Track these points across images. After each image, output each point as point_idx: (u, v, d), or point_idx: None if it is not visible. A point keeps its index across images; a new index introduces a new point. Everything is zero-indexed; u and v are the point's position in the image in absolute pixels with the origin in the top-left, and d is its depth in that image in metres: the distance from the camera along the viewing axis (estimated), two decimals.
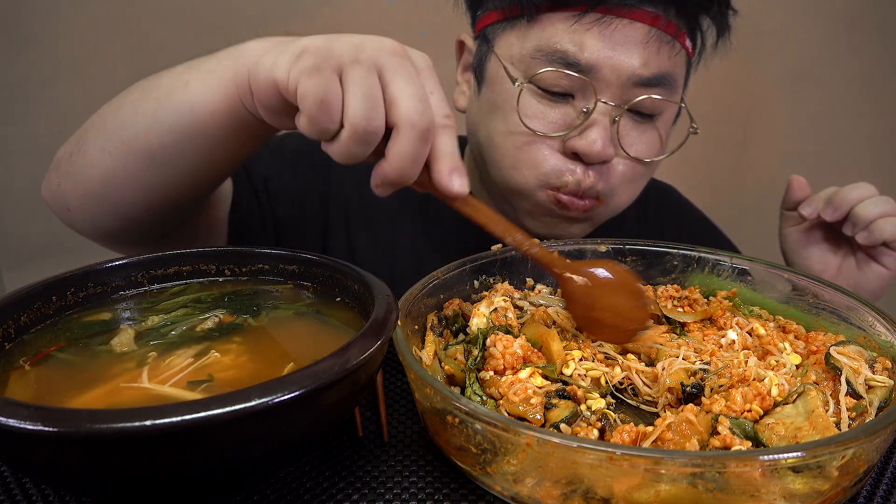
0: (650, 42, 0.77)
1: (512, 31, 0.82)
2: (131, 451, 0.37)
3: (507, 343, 0.57)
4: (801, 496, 0.43)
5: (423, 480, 0.51)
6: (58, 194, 0.73)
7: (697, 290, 0.72)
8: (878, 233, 0.80)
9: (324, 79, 0.50)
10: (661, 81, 0.79)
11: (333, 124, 0.51)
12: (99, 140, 0.68)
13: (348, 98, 0.51)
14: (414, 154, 0.52)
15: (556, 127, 0.80)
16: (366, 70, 0.51)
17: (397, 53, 0.53)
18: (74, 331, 0.55)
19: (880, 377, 0.54)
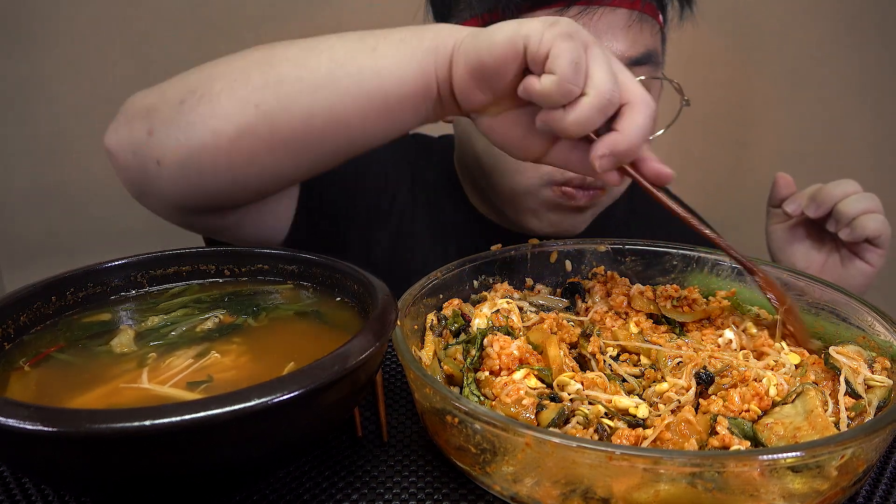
0: (632, 24, 0.79)
1: None
2: (131, 451, 0.37)
3: (504, 344, 0.57)
4: (800, 496, 0.43)
5: (423, 480, 0.51)
6: (146, 145, 0.65)
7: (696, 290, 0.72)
8: (861, 229, 0.80)
9: (578, 45, 0.54)
10: (647, 59, 0.81)
11: (578, 87, 0.54)
12: (239, 91, 0.62)
13: (595, 69, 0.54)
14: (646, 128, 0.56)
15: None
16: (605, 54, 0.56)
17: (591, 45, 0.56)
18: (74, 331, 0.55)
19: (879, 377, 0.54)
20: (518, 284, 0.74)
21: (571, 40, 0.54)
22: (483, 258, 0.72)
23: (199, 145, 0.63)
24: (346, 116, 0.62)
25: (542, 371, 0.56)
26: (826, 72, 1.68)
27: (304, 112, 0.62)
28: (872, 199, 0.81)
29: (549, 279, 0.75)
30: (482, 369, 0.57)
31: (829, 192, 0.82)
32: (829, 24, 1.64)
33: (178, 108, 0.64)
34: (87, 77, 1.47)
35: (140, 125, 0.65)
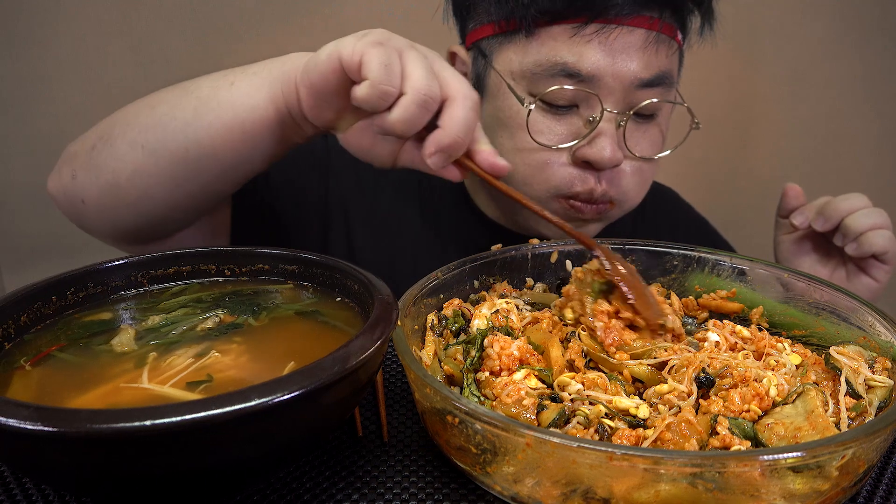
0: (649, 45, 0.78)
1: (510, 45, 0.82)
2: (131, 451, 0.37)
3: (504, 344, 0.57)
4: (800, 496, 0.43)
5: (423, 480, 0.51)
6: (71, 187, 0.74)
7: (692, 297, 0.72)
8: (868, 245, 0.80)
9: (388, 50, 0.57)
10: (661, 81, 0.80)
11: (395, 88, 0.57)
12: (130, 134, 0.70)
13: (410, 68, 0.57)
14: (467, 121, 0.58)
15: (564, 138, 0.81)
16: (421, 54, 0.59)
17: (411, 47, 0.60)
18: (74, 331, 0.55)
19: (880, 377, 0.54)
20: (518, 284, 0.74)
21: (381, 46, 0.57)
22: (483, 258, 0.72)
23: (105, 185, 0.72)
24: (213, 147, 0.69)
25: (542, 371, 0.56)
26: (827, 72, 1.68)
27: (180, 147, 0.69)
28: (881, 214, 0.81)
29: (549, 279, 0.75)
30: (482, 370, 0.57)
31: (836, 206, 0.82)
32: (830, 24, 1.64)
33: (90, 154, 0.73)
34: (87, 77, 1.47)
35: (66, 170, 0.75)
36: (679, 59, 0.87)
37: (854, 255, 0.82)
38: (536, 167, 0.83)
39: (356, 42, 0.58)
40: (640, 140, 0.83)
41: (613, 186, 0.83)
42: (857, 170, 1.73)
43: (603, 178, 0.82)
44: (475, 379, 0.56)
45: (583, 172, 0.82)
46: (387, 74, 0.56)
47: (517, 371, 0.56)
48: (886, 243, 0.80)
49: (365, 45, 0.57)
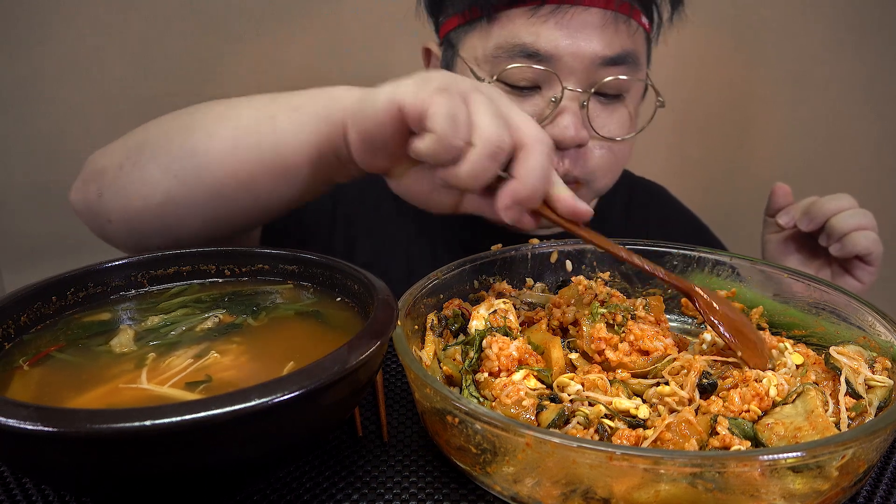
0: (607, 24, 0.79)
1: (473, 32, 0.84)
2: (131, 451, 0.37)
3: (503, 345, 0.57)
4: (800, 496, 0.43)
5: (423, 480, 0.51)
6: (98, 206, 0.70)
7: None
8: (852, 246, 0.80)
9: (454, 98, 0.52)
10: (624, 60, 0.81)
11: (461, 141, 0.52)
12: (163, 160, 0.66)
13: (478, 117, 0.53)
14: (544, 169, 0.54)
15: None
16: (487, 97, 0.54)
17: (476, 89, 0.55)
18: (74, 331, 0.55)
19: (880, 377, 0.54)
20: (518, 284, 0.74)
21: (448, 94, 0.52)
22: (483, 258, 0.72)
23: (134, 210, 0.68)
24: (252, 183, 0.65)
25: (541, 372, 0.56)
26: (826, 72, 1.67)
27: (216, 181, 0.65)
28: (866, 215, 0.81)
29: (549, 279, 0.75)
30: (481, 370, 0.57)
31: (822, 207, 0.83)
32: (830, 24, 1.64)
33: (118, 173, 0.68)
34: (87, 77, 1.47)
35: (93, 187, 0.71)
36: (647, 44, 0.87)
37: (838, 256, 0.82)
38: None
39: (418, 89, 0.53)
40: (606, 121, 0.84)
41: (577, 166, 0.83)
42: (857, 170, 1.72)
43: (566, 156, 0.82)
44: (474, 380, 0.56)
45: None
46: (454, 127, 0.52)
47: (516, 372, 0.56)
48: (870, 244, 0.80)
49: (430, 93, 0.52)
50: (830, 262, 0.87)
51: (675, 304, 0.74)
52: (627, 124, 0.87)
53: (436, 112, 0.52)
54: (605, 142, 0.85)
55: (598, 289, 0.66)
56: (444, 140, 0.52)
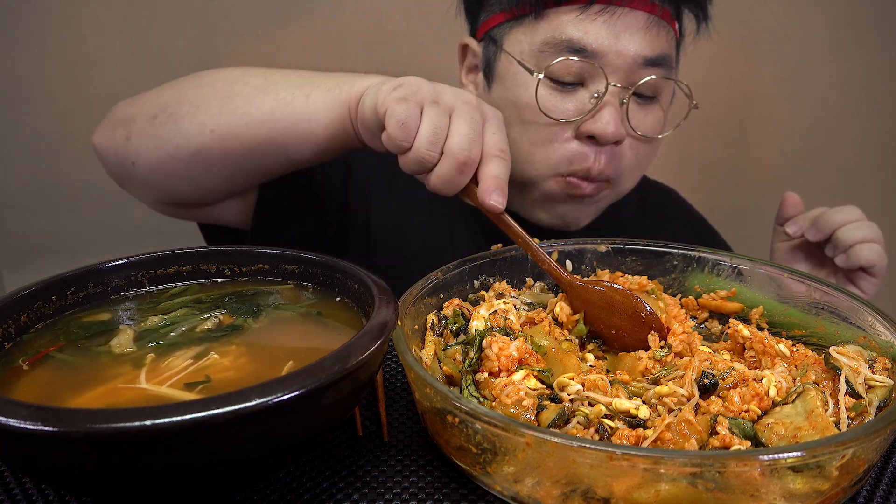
0: (650, 27, 0.83)
1: (519, 28, 0.86)
2: (131, 450, 0.37)
3: (503, 345, 0.57)
4: (800, 496, 0.43)
5: (423, 480, 0.51)
6: (123, 148, 0.79)
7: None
8: (856, 257, 0.83)
9: (408, 107, 0.62)
10: (662, 62, 0.84)
11: (407, 142, 0.63)
12: (201, 117, 0.76)
13: (421, 127, 0.63)
14: (449, 179, 0.63)
15: (570, 114, 0.85)
16: (440, 110, 0.63)
17: (469, 103, 0.65)
18: (74, 331, 0.55)
19: (880, 377, 0.54)
20: (518, 284, 0.74)
21: (405, 103, 0.62)
22: (483, 258, 0.72)
23: (165, 156, 0.78)
24: (284, 144, 0.76)
25: (541, 372, 0.56)
26: (826, 72, 1.68)
27: (251, 140, 0.76)
28: (872, 228, 0.84)
29: (549, 279, 0.75)
30: (481, 370, 0.57)
31: (829, 218, 0.85)
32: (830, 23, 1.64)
33: (150, 122, 0.78)
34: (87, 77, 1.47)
35: (121, 131, 0.80)
36: (677, 51, 0.91)
37: (843, 266, 0.85)
38: (540, 144, 0.86)
39: (388, 94, 0.64)
40: (642, 120, 0.87)
41: (611, 165, 0.86)
42: (858, 170, 1.72)
43: (602, 154, 0.85)
44: (474, 380, 0.56)
45: (583, 149, 0.85)
46: (399, 130, 0.62)
47: (516, 372, 0.55)
48: (874, 257, 0.83)
49: (391, 100, 0.63)
50: (836, 272, 0.89)
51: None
52: (660, 124, 0.90)
53: (390, 116, 0.63)
54: (637, 142, 0.88)
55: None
56: (392, 139, 0.63)
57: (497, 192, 0.62)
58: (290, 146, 0.76)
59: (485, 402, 0.54)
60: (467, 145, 0.62)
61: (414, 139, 0.62)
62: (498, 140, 0.64)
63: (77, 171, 1.50)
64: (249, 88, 0.77)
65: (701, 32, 0.91)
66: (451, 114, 0.63)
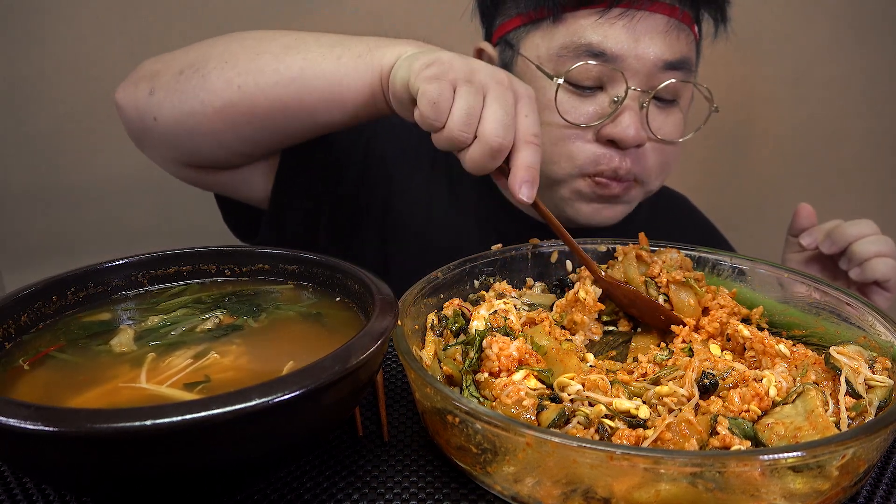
0: (670, 31, 0.82)
1: (537, 32, 0.86)
2: (131, 450, 0.37)
3: (503, 345, 0.57)
4: (801, 496, 0.43)
5: (423, 480, 0.51)
6: (146, 102, 0.77)
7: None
8: (871, 272, 0.83)
9: (440, 86, 0.61)
10: (682, 65, 0.84)
11: (439, 122, 0.62)
12: (228, 73, 0.74)
13: (454, 107, 0.61)
14: (481, 162, 0.62)
15: (590, 117, 0.84)
16: (474, 90, 0.61)
17: (502, 83, 0.63)
18: (74, 331, 0.55)
19: (880, 377, 0.54)
20: (518, 284, 0.74)
21: (437, 82, 0.61)
22: (483, 258, 0.72)
23: (189, 110, 0.76)
24: (312, 106, 0.75)
25: (542, 372, 0.56)
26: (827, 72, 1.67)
27: (279, 98, 0.74)
28: (887, 242, 0.84)
29: (549, 279, 0.75)
30: (481, 370, 0.57)
31: (844, 231, 0.85)
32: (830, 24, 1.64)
33: (176, 77, 0.76)
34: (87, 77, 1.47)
35: (144, 86, 0.78)
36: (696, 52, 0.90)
37: (857, 280, 0.85)
38: (561, 144, 0.86)
39: (420, 71, 0.62)
40: (662, 123, 0.87)
41: (637, 164, 0.86)
42: (857, 170, 1.72)
43: (627, 156, 0.85)
44: (474, 380, 0.56)
45: (608, 151, 0.85)
46: (432, 110, 0.61)
47: (516, 372, 0.55)
48: (889, 271, 0.83)
49: (423, 78, 0.62)
50: (850, 285, 0.89)
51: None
52: (680, 127, 0.90)
53: (422, 95, 0.61)
54: (659, 144, 0.88)
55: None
56: (424, 118, 0.62)
57: (527, 184, 0.61)
58: (320, 109, 0.75)
59: (485, 402, 0.54)
60: (501, 131, 0.60)
61: (447, 119, 0.61)
62: (531, 123, 0.63)
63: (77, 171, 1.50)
64: (278, 47, 0.75)
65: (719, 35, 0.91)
66: (485, 94, 0.62)
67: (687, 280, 0.69)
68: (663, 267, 0.72)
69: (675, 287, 0.70)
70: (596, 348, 0.67)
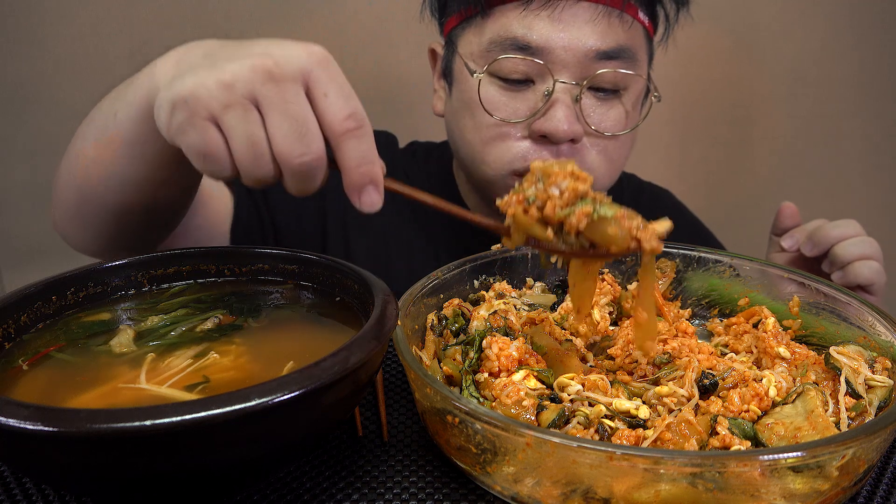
0: (599, 18, 0.79)
1: (470, 29, 0.85)
2: (131, 450, 0.37)
3: (503, 345, 0.57)
4: (801, 496, 0.43)
5: (423, 480, 0.51)
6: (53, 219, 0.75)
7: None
8: (853, 276, 0.78)
9: (198, 133, 0.47)
10: (619, 54, 0.81)
11: (226, 170, 0.49)
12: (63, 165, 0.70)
13: (232, 147, 0.48)
14: (305, 188, 0.50)
15: (520, 113, 0.82)
16: (240, 112, 0.47)
17: (271, 79, 0.47)
18: (74, 331, 0.55)
19: (880, 377, 0.54)
20: (518, 284, 0.74)
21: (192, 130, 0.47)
22: (483, 258, 0.72)
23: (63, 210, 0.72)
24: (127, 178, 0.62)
25: (541, 372, 0.56)
26: (826, 71, 1.67)
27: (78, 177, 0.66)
28: (871, 244, 0.79)
29: (549, 279, 0.75)
30: (481, 371, 0.57)
31: (827, 233, 0.80)
32: (829, 23, 1.64)
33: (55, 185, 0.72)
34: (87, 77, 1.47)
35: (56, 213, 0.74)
36: (648, 42, 0.87)
37: (840, 284, 0.79)
38: (492, 143, 0.84)
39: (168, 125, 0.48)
40: (601, 117, 0.84)
41: (576, 161, 0.82)
42: (856, 169, 1.72)
43: (561, 153, 0.82)
44: (474, 380, 0.56)
45: (539, 148, 0.82)
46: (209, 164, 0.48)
47: (516, 372, 0.55)
48: (873, 275, 0.78)
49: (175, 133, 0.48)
50: None
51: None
52: (623, 121, 0.86)
53: (188, 153, 0.48)
54: (601, 140, 0.84)
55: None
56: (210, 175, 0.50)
57: (369, 188, 0.50)
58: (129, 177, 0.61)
59: (485, 402, 0.54)
60: (298, 146, 0.47)
61: (232, 163, 0.48)
62: (336, 104, 0.48)
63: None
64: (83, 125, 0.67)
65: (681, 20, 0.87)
66: (257, 105, 0.47)
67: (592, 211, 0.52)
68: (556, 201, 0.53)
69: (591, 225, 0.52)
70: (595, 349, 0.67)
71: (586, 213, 0.51)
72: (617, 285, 0.71)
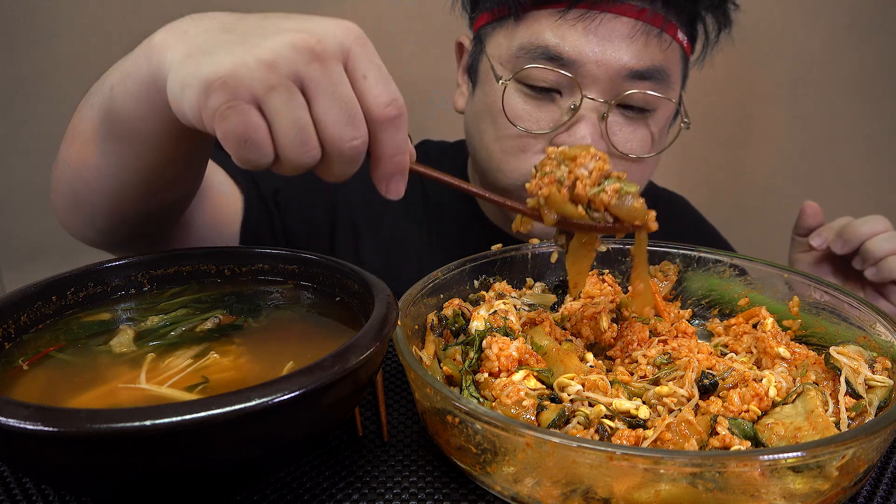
0: (636, 35, 0.77)
1: (501, 30, 0.83)
2: (131, 450, 0.37)
3: (503, 345, 0.57)
4: (801, 496, 0.43)
5: (423, 480, 0.51)
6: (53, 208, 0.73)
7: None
8: (888, 271, 0.78)
9: (240, 117, 0.43)
10: (652, 75, 0.78)
11: (267, 158, 0.45)
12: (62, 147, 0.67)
13: (276, 132, 0.45)
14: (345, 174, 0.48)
15: (543, 124, 0.80)
16: (286, 94, 0.44)
17: (316, 58, 0.44)
18: (74, 331, 0.55)
19: (880, 377, 0.54)
20: (518, 284, 0.74)
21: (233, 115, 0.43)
22: (483, 258, 0.72)
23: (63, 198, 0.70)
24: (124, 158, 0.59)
25: (541, 372, 0.56)
26: (826, 72, 1.67)
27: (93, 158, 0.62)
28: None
29: (549, 279, 0.75)
30: (481, 371, 0.57)
31: (856, 229, 0.80)
32: (830, 24, 1.64)
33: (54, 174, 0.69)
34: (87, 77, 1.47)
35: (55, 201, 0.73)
36: (683, 63, 0.85)
37: (874, 280, 0.80)
38: (512, 154, 0.82)
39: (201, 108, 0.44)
40: (627, 137, 0.81)
41: None
42: (857, 169, 1.72)
43: None
44: (474, 380, 0.56)
45: None
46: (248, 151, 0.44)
47: (516, 372, 0.55)
48: None
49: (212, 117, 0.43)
50: (864, 285, 0.84)
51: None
52: (649, 144, 0.83)
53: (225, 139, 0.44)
54: (623, 161, 0.81)
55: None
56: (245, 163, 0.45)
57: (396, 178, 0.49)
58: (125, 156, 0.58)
59: (485, 402, 0.54)
60: (349, 130, 0.45)
61: (274, 149, 0.45)
62: (377, 87, 0.46)
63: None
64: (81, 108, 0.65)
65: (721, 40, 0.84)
66: (301, 86, 0.45)
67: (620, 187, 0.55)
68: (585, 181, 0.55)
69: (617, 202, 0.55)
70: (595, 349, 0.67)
71: (616, 189, 0.55)
72: (617, 286, 0.71)
